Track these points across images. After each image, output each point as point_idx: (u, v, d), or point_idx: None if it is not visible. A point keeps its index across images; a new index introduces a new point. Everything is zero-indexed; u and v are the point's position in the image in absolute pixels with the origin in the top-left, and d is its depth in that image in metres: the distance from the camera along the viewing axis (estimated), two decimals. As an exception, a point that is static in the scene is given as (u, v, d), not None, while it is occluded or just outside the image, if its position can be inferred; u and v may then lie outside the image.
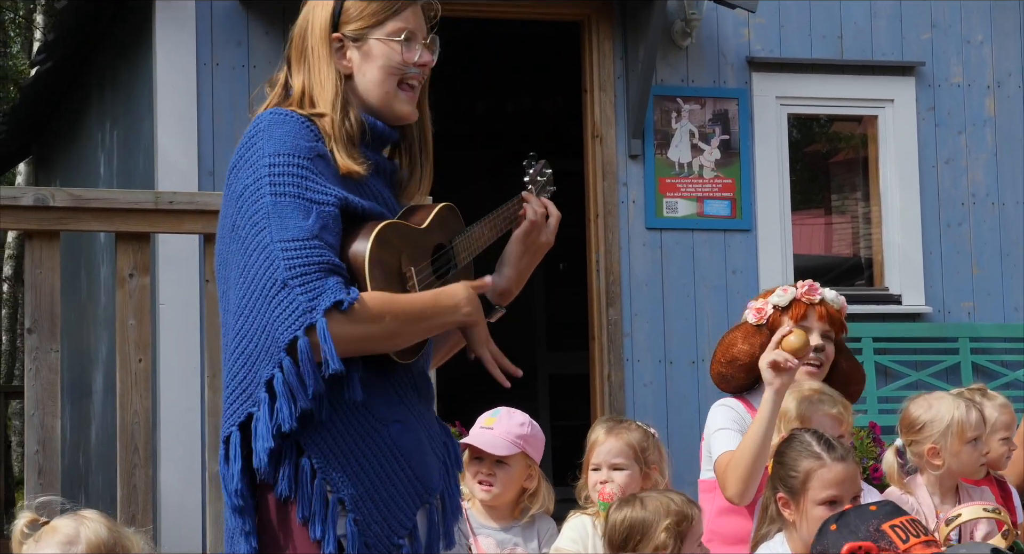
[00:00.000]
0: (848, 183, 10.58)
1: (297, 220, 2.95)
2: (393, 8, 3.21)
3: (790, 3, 9.96)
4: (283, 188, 2.98)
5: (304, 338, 2.90)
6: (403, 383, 3.12)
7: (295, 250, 2.93)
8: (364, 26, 3.18)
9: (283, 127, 3.05)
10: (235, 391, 3.02)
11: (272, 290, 2.93)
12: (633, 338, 9.50)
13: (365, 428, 3.02)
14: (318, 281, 2.91)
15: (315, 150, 3.05)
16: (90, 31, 10.95)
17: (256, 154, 3.03)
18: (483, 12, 9.69)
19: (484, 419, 4.87)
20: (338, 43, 3.18)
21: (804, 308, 5.00)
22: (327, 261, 2.94)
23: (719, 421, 4.88)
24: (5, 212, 4.84)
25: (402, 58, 3.19)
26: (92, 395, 11.44)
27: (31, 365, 4.82)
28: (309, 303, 2.90)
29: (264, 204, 2.98)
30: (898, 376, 9.84)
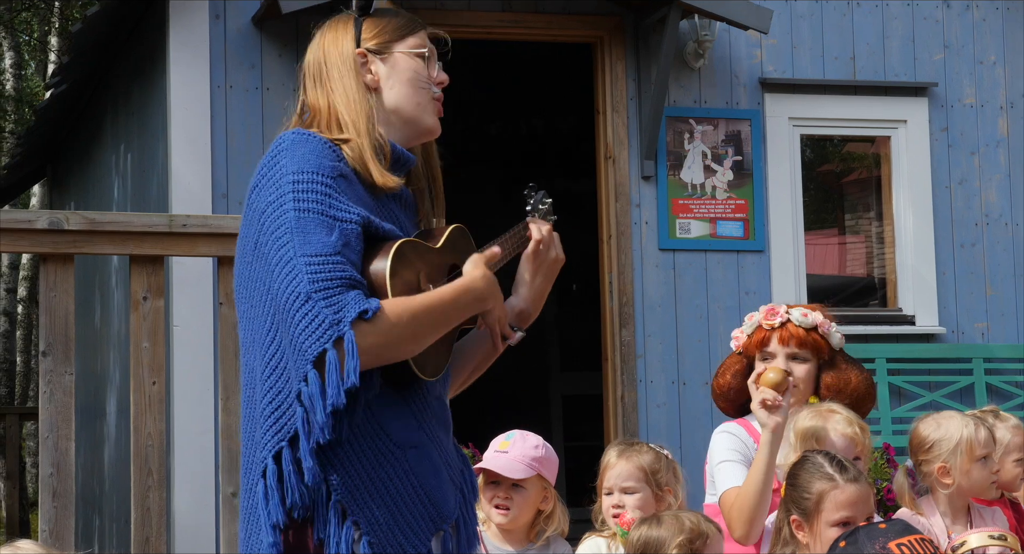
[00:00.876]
0: (861, 202, 10.58)
1: (321, 236, 2.96)
2: (412, 26, 3.27)
3: (803, 24, 9.97)
4: (307, 204, 2.99)
5: (332, 350, 2.89)
6: (422, 408, 3.12)
7: (318, 265, 2.93)
8: (387, 39, 3.22)
9: (306, 146, 3.06)
10: (276, 408, 3.00)
11: (297, 303, 2.93)
12: (646, 359, 9.50)
13: (383, 452, 3.01)
14: (341, 295, 2.91)
15: (338, 169, 3.05)
16: (104, 54, 10.99)
17: (279, 172, 3.04)
18: (496, 34, 9.72)
19: (498, 443, 4.87)
20: (362, 58, 3.20)
21: (765, 333, 5.00)
22: (349, 277, 2.94)
23: (721, 451, 4.89)
24: (20, 235, 4.85)
25: (427, 72, 3.24)
26: (106, 417, 11.46)
27: (45, 388, 4.83)
28: (335, 315, 2.90)
29: (288, 220, 2.98)
30: (912, 397, 9.83)
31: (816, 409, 4.72)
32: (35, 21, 21.81)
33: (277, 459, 2.98)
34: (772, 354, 4.96)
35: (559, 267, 3.40)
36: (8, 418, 14.51)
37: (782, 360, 4.94)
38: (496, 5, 9.50)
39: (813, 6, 10.00)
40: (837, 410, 4.73)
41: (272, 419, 3.01)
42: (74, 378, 4.88)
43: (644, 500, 4.74)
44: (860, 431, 4.70)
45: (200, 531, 8.14)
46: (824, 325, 5.01)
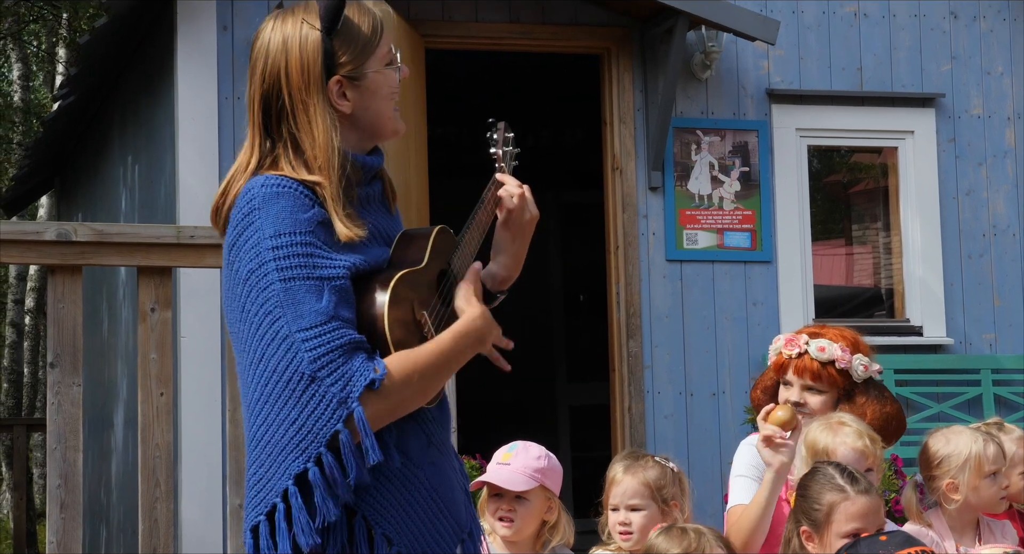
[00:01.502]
0: (868, 213, 10.58)
1: (311, 304, 2.87)
2: (377, 33, 3.07)
3: (810, 35, 9.97)
4: (291, 272, 2.89)
5: (345, 430, 2.85)
6: (426, 418, 3.09)
7: (316, 337, 2.86)
8: (361, 61, 3.05)
9: (279, 202, 2.93)
10: (260, 481, 2.94)
11: (300, 384, 2.86)
12: (654, 370, 9.49)
13: (405, 475, 2.99)
14: (344, 366, 2.85)
15: (315, 219, 2.93)
16: (112, 65, 11.01)
17: (256, 235, 2.92)
18: (503, 45, 9.73)
19: (500, 455, 4.86)
20: (338, 86, 3.02)
21: (784, 361, 5.00)
22: (348, 341, 2.87)
23: (741, 465, 4.89)
24: (28, 247, 4.85)
25: (397, 84, 3.12)
26: (113, 428, 11.46)
27: (53, 399, 4.83)
28: (342, 392, 2.84)
29: (274, 291, 2.89)
30: (920, 408, 9.81)
31: (827, 422, 4.71)
32: (43, 32, 21.84)
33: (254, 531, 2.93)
34: (789, 382, 4.97)
35: (535, 224, 3.24)
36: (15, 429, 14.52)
37: (797, 390, 4.95)
38: (504, 16, 9.51)
39: (820, 17, 10.00)
40: (848, 422, 4.72)
41: (255, 491, 2.95)
42: (82, 390, 4.87)
43: (650, 517, 4.72)
44: (871, 443, 4.68)
45: (207, 542, 8.14)
46: (842, 360, 4.97)
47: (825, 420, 4.71)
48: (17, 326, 20.69)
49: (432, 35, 9.35)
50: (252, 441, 2.96)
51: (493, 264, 3.28)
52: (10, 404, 20.13)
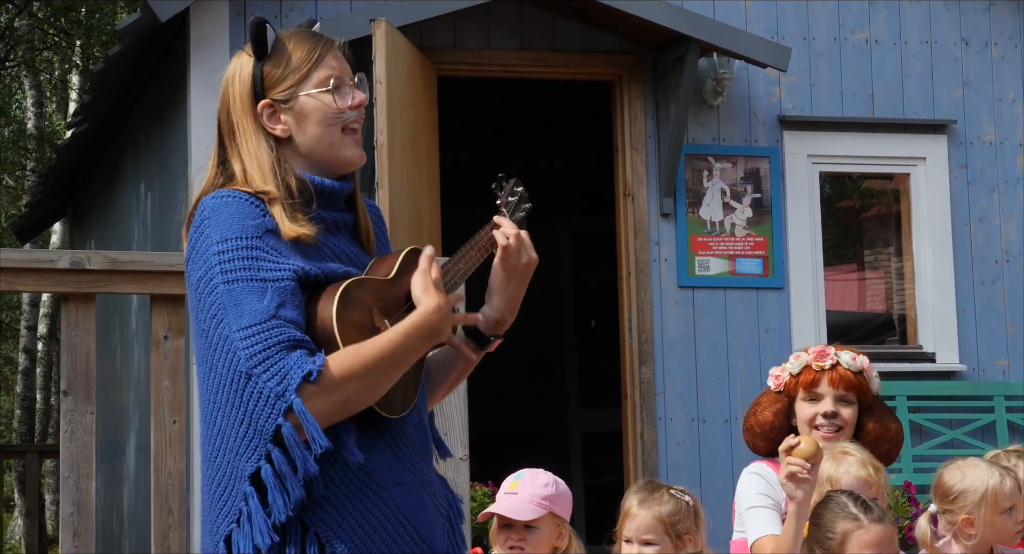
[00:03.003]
0: (881, 238, 10.57)
1: (253, 303, 2.89)
2: (313, 58, 3.09)
3: (821, 62, 9.99)
4: (234, 274, 2.91)
5: (287, 423, 2.84)
6: (400, 441, 3.05)
7: (253, 335, 2.87)
8: (290, 85, 3.08)
9: (227, 210, 2.98)
10: (222, 490, 2.95)
11: (239, 383, 2.87)
12: (666, 396, 9.49)
13: (367, 494, 2.96)
14: (281, 361, 2.85)
15: (263, 226, 2.97)
16: (125, 93, 11.04)
17: (204, 243, 2.97)
18: (515, 72, 9.75)
19: (508, 484, 4.84)
20: (269, 109, 3.08)
21: (814, 374, 5.01)
22: (287, 338, 2.87)
23: (750, 496, 4.87)
24: (43, 275, 4.86)
25: (336, 107, 3.08)
26: (125, 455, 11.47)
27: (66, 427, 4.84)
28: (279, 386, 2.84)
29: (219, 294, 2.92)
30: (933, 435, 9.79)
31: (829, 452, 4.70)
32: (56, 60, 21.92)
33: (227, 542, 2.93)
34: (820, 395, 4.97)
35: (532, 270, 3.22)
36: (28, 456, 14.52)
37: (830, 401, 4.95)
38: (515, 44, 9.54)
39: (832, 44, 10.02)
40: (851, 451, 4.72)
41: (219, 504, 2.95)
42: (95, 417, 4.88)
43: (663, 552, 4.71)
44: (875, 472, 4.68)
45: (220, 569, 8.13)
46: (869, 370, 5.03)
47: (828, 449, 4.70)
48: (30, 352, 20.71)
49: (445, 62, 9.38)
50: (210, 449, 2.97)
51: (487, 307, 3.25)
52: (23, 430, 20.14)
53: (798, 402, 5.01)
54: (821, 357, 5.01)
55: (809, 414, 4.96)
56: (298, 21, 8.97)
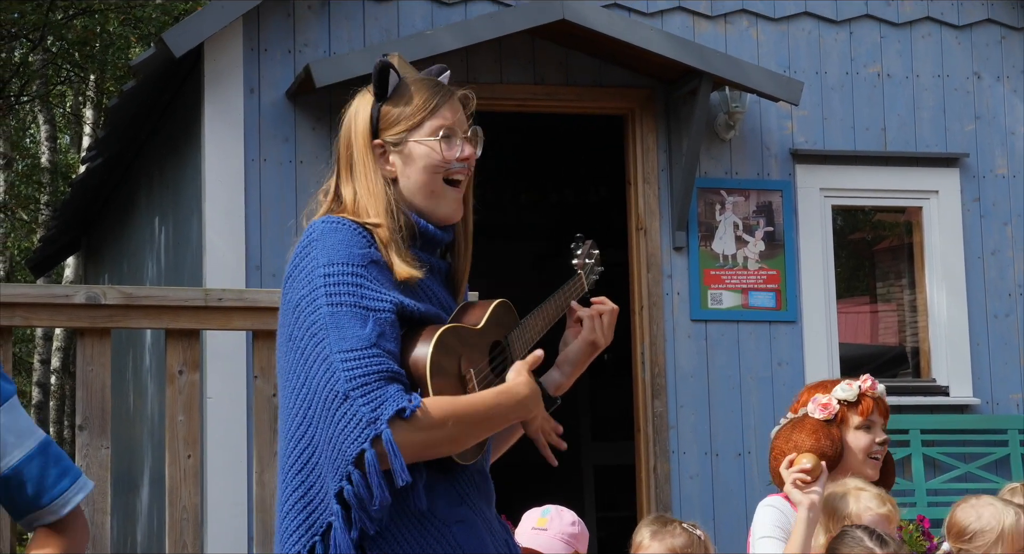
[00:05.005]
0: (893, 271, 10.57)
1: (355, 329, 2.96)
2: (429, 107, 3.18)
3: (833, 95, 10.01)
4: (339, 298, 2.98)
5: (371, 450, 2.89)
6: (465, 482, 3.11)
7: (355, 360, 2.93)
8: (403, 130, 3.16)
9: (336, 235, 3.06)
10: (302, 503, 3.01)
11: (335, 403, 2.93)
12: (679, 430, 9.48)
13: (428, 530, 3.00)
14: (379, 390, 2.91)
15: (369, 257, 3.05)
16: (140, 127, 11.09)
17: (311, 264, 3.04)
18: (528, 106, 9.78)
19: (535, 519, 4.89)
20: (380, 149, 3.17)
21: (872, 403, 5.00)
22: (387, 369, 2.93)
23: (764, 526, 4.87)
24: (58, 310, 4.88)
25: (442, 157, 3.16)
26: (139, 491, 11.47)
27: (81, 462, 4.85)
28: (372, 414, 2.90)
29: (321, 315, 2.98)
30: (947, 468, 9.77)
31: (842, 488, 4.70)
32: (70, 93, 22.01)
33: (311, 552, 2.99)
34: (874, 423, 4.98)
35: (605, 346, 3.40)
36: (41, 489, 14.53)
37: (881, 430, 4.97)
38: (528, 78, 9.57)
39: (844, 78, 10.04)
40: (864, 487, 4.72)
41: (303, 515, 3.00)
42: (110, 452, 4.89)
43: None
44: (893, 508, 4.69)
45: (233, 604, 8.13)
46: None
47: (840, 487, 4.69)
48: (43, 386, 20.73)
49: (457, 97, 9.39)
50: (295, 464, 3.01)
51: (556, 372, 3.40)
52: (36, 464, 20.12)
53: (852, 431, 4.97)
54: (875, 386, 5.02)
55: (865, 443, 4.94)
56: (313, 56, 9.07)
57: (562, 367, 3.39)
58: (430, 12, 9.45)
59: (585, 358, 3.39)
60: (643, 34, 9.20)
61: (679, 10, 9.81)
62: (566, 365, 3.39)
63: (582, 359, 3.39)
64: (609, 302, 3.39)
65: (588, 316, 3.36)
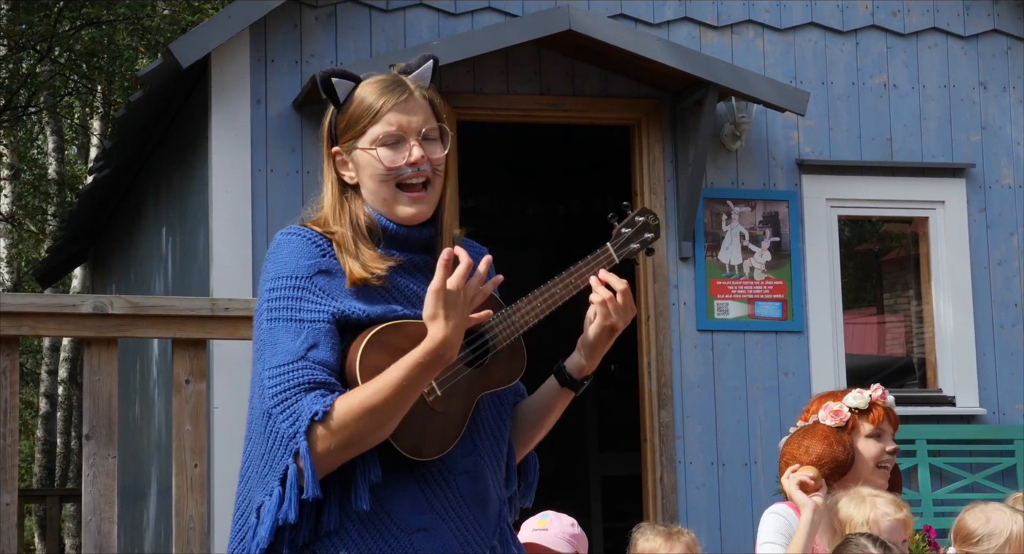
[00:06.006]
0: (900, 281, 10.57)
1: (286, 343, 2.98)
2: (372, 114, 3.13)
3: (839, 106, 10.02)
4: (277, 312, 3.01)
5: (293, 465, 2.92)
6: (439, 486, 3.05)
7: (279, 376, 2.96)
8: (350, 138, 3.14)
9: (287, 248, 3.08)
10: (238, 513, 3.07)
11: (262, 420, 2.97)
12: (685, 440, 9.48)
13: (384, 537, 2.98)
14: (297, 404, 2.93)
15: (315, 267, 3.06)
16: (147, 138, 11.11)
17: (264, 278, 3.10)
18: (534, 117, 9.79)
19: (535, 522, 4.93)
20: (339, 157, 3.17)
21: (883, 412, 5.01)
22: (308, 380, 2.94)
23: (768, 532, 4.87)
24: (65, 319, 4.89)
25: (384, 165, 3.10)
26: (146, 500, 11.48)
27: (88, 471, 4.86)
28: (290, 428, 2.92)
29: (263, 330, 3.03)
30: (953, 478, 9.77)
31: (857, 496, 4.71)
32: (76, 105, 22.05)
33: None
34: (885, 432, 4.98)
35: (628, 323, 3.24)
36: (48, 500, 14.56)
37: (891, 439, 4.97)
38: (534, 88, 9.59)
39: (850, 88, 10.05)
40: (880, 494, 4.72)
41: (236, 527, 3.06)
42: (117, 461, 4.90)
43: None
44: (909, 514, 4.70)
45: (239, 614, 8.13)
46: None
47: (854, 494, 4.70)
48: (50, 397, 20.75)
49: (464, 107, 9.42)
50: (243, 475, 3.07)
51: (578, 355, 3.26)
52: (43, 475, 20.17)
53: (863, 439, 4.97)
54: (885, 396, 5.02)
55: (876, 451, 4.94)
56: (320, 67, 9.08)
57: (581, 349, 3.26)
58: (436, 23, 9.47)
59: (604, 341, 3.23)
60: (649, 45, 9.21)
61: (685, 20, 9.82)
62: (585, 349, 3.25)
63: (601, 341, 3.24)
64: (614, 279, 3.22)
65: (599, 301, 3.21)
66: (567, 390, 3.28)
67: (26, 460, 21.84)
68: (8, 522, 4.76)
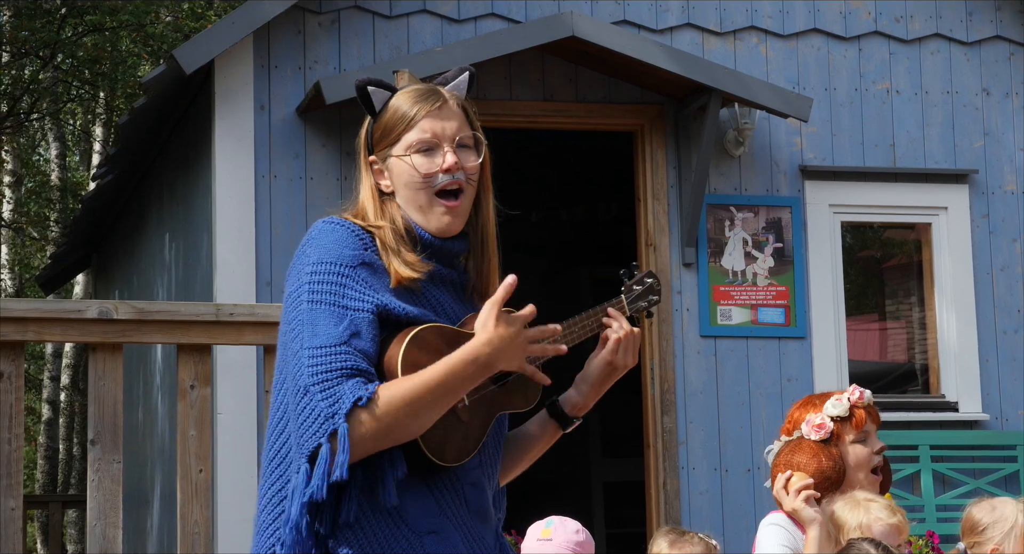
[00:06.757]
0: (902, 288, 10.58)
1: (329, 327, 2.98)
2: (406, 121, 3.16)
3: (842, 112, 10.03)
4: (320, 296, 3.01)
5: (327, 445, 2.91)
6: (448, 492, 3.07)
7: (321, 356, 2.95)
8: (386, 146, 3.17)
9: (331, 236, 3.08)
10: (279, 496, 3.03)
11: (298, 396, 2.96)
12: (688, 446, 9.49)
13: (396, 537, 2.98)
14: (338, 386, 2.92)
15: (359, 258, 3.07)
16: (151, 144, 11.12)
17: (303, 262, 3.08)
18: (538, 123, 9.80)
19: (539, 531, 4.91)
20: (376, 165, 3.20)
21: (863, 414, 4.98)
22: (351, 366, 2.95)
23: (770, 545, 4.86)
24: (70, 325, 4.90)
25: (419, 173, 3.13)
26: (149, 506, 11.48)
27: (93, 476, 4.86)
28: (329, 408, 2.91)
29: (302, 311, 3.01)
30: (956, 484, 9.77)
31: (852, 500, 4.70)
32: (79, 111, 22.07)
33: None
34: (869, 433, 4.95)
35: (628, 368, 3.33)
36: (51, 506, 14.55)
37: (876, 439, 4.94)
38: (538, 94, 9.60)
39: (853, 94, 10.06)
40: (874, 498, 4.72)
41: (277, 509, 3.03)
42: (121, 466, 4.91)
43: None
44: (902, 518, 4.69)
45: (243, 619, 8.14)
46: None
47: (849, 499, 4.69)
48: (53, 403, 20.76)
49: (467, 113, 9.42)
50: (275, 458, 3.05)
51: (574, 391, 3.34)
52: (45, 481, 20.17)
53: (850, 445, 4.92)
54: (860, 395, 4.98)
55: (865, 455, 4.89)
56: (323, 73, 9.10)
57: (579, 386, 3.34)
58: (439, 29, 9.48)
59: (603, 378, 3.32)
60: (652, 51, 9.22)
61: (688, 26, 9.83)
62: (583, 384, 3.33)
63: (600, 379, 3.32)
64: (624, 321, 3.33)
65: (614, 338, 3.30)
66: (555, 426, 3.33)
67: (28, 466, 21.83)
68: (13, 526, 4.77)
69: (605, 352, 3.30)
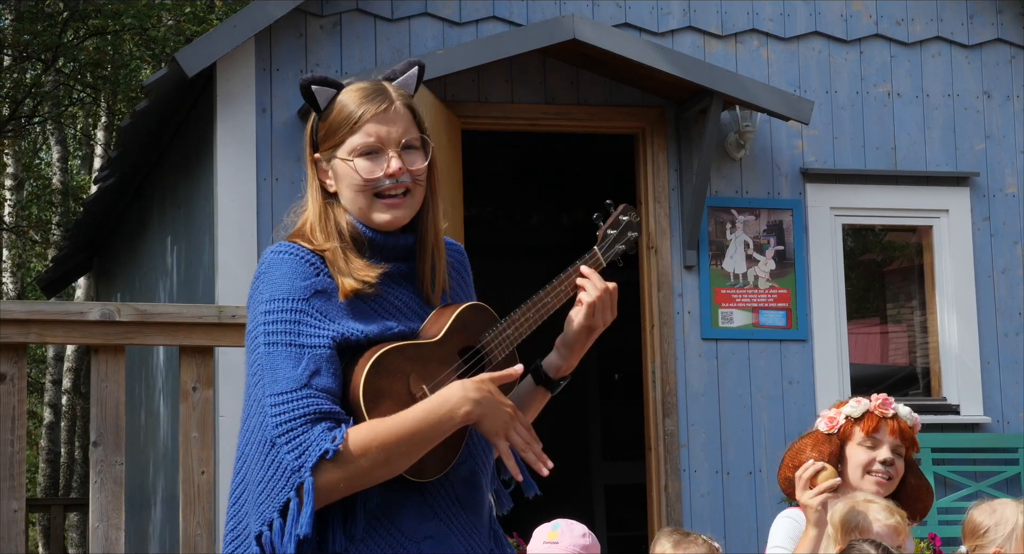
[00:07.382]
0: (903, 291, 10.58)
1: (287, 370, 2.95)
2: (350, 125, 3.09)
3: (843, 115, 10.03)
4: (275, 337, 2.97)
5: (295, 499, 2.90)
6: (439, 493, 3.05)
7: (282, 404, 2.92)
8: (330, 146, 3.11)
9: (280, 269, 3.04)
10: (233, 534, 3.04)
11: (264, 448, 2.94)
12: (690, 448, 9.49)
13: (394, 547, 2.98)
14: (303, 435, 2.90)
15: (311, 288, 3.02)
16: (152, 147, 11.13)
17: (257, 300, 3.04)
18: (539, 126, 9.81)
19: (546, 534, 4.91)
20: (320, 164, 3.14)
21: (877, 421, 5.00)
22: (314, 411, 2.92)
23: (777, 537, 4.88)
24: (72, 327, 4.90)
25: (361, 177, 3.07)
26: (151, 509, 11.48)
27: (96, 478, 4.87)
28: (296, 461, 2.89)
29: (259, 355, 2.98)
30: (957, 487, 9.77)
31: (853, 500, 4.72)
32: (81, 114, 22.08)
33: None
34: (880, 442, 4.97)
35: (607, 326, 3.25)
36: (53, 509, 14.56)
37: (887, 449, 4.96)
38: (539, 97, 9.61)
39: (854, 97, 10.06)
40: (874, 500, 4.73)
41: (234, 546, 3.03)
42: (124, 468, 4.91)
43: None
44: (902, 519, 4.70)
45: (245, 622, 8.13)
46: (918, 429, 5.04)
47: (850, 499, 4.71)
48: (54, 406, 20.76)
49: (468, 116, 9.44)
50: (234, 498, 3.04)
51: (555, 355, 3.28)
52: (47, 484, 20.18)
53: (853, 446, 4.98)
54: (885, 405, 5.01)
55: (865, 459, 4.93)
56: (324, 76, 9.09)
57: (559, 349, 3.27)
58: (441, 32, 9.49)
59: (583, 341, 3.24)
60: (653, 54, 9.23)
61: (690, 29, 9.84)
62: (563, 347, 3.26)
63: (580, 342, 3.24)
64: (597, 280, 3.24)
65: (586, 303, 3.20)
66: (543, 390, 3.28)
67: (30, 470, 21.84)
68: (16, 528, 4.77)
69: (581, 316, 3.21)
